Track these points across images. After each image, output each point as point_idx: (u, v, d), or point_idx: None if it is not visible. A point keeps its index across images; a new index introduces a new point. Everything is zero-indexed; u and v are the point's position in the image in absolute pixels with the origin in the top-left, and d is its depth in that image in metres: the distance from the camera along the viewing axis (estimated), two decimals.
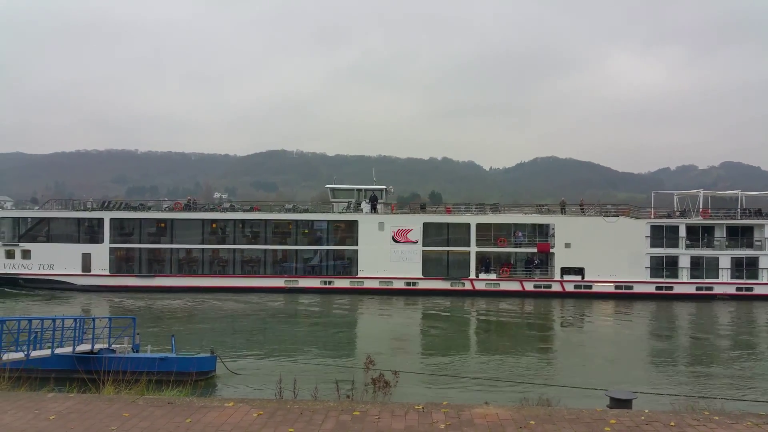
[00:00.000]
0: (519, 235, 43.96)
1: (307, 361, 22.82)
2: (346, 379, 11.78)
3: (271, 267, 44.08)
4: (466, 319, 36.44)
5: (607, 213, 44.44)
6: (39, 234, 43.95)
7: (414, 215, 45.13)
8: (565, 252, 42.89)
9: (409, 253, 43.20)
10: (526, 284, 43.02)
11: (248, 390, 18.76)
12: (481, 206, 47.52)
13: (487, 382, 19.64)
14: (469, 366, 23.43)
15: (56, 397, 7.64)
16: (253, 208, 48.51)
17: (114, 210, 45.35)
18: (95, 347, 20.23)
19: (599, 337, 32.04)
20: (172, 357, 19.86)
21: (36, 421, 6.48)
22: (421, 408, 6.80)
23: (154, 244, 44.37)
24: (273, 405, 7.03)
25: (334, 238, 44.62)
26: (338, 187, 48.87)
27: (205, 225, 44.57)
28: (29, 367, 15.03)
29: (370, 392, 9.30)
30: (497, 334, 32.11)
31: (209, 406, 7.03)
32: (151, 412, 6.79)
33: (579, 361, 25.16)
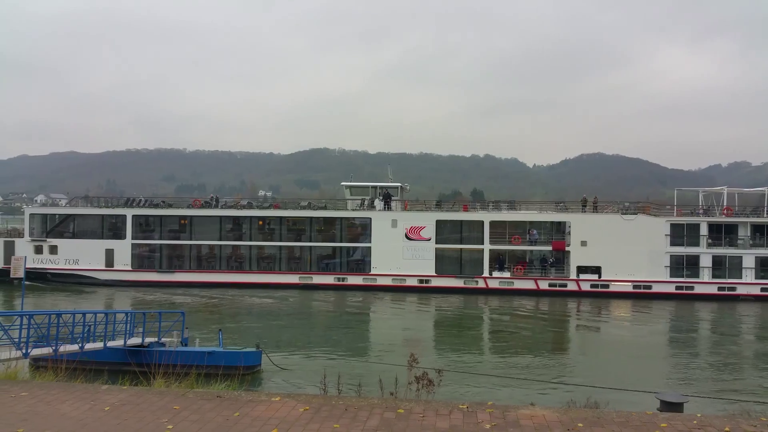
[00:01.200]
0: (533, 233, 43.29)
1: (348, 357, 23.01)
2: (388, 376, 11.77)
3: (286, 263, 44.69)
4: (493, 318, 36.15)
5: (626, 210, 43.29)
6: (66, 230, 45.74)
7: (427, 213, 45.00)
8: (581, 250, 42.03)
9: (422, 251, 43.13)
10: (540, 283, 42.37)
11: (292, 385, 19.06)
12: (497, 204, 47.03)
13: (527, 383, 19.48)
14: (504, 365, 23.17)
15: (110, 389, 7.85)
16: (273, 206, 49.28)
17: (136, 207, 46.78)
18: (146, 341, 20.68)
19: (629, 337, 31.12)
20: (219, 351, 20.20)
21: (92, 412, 6.63)
22: (466, 408, 6.71)
23: (174, 240, 45.59)
24: (318, 400, 7.09)
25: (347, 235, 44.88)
26: (353, 184, 49.13)
27: (223, 222, 45.50)
28: (83, 359, 15.43)
29: (414, 390, 9.20)
30: (526, 333, 31.47)
31: (256, 400, 7.10)
32: (201, 405, 6.88)
33: (617, 363, 24.65)
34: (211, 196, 51.92)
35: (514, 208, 46.64)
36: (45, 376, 10.25)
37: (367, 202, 46.06)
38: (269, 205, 49.21)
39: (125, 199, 49.34)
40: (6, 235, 45.91)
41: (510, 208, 46.79)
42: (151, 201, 49.10)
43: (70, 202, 48.08)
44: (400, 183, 48.98)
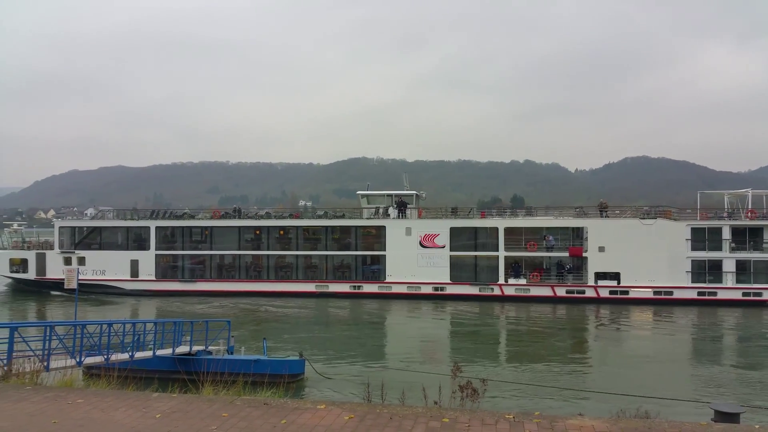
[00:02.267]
0: (550, 238, 42.68)
1: (387, 365, 23.08)
2: (430, 385, 11.83)
3: (302, 272, 45.25)
4: (515, 325, 35.59)
5: (647, 215, 42.29)
6: (93, 242, 47.37)
7: (441, 220, 44.84)
8: (599, 256, 41.23)
9: (437, 258, 43.04)
10: (557, 290, 41.70)
11: (336, 394, 19.21)
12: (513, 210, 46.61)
13: (569, 393, 19.11)
14: (539, 375, 22.80)
15: (161, 396, 8.00)
16: (294, 215, 49.97)
17: (159, 219, 48.15)
18: (193, 349, 21.06)
19: (659, 344, 30.23)
20: (264, 360, 20.47)
21: (143, 419, 6.79)
22: (512, 417, 6.55)
23: (195, 250, 46.72)
24: (363, 409, 7.08)
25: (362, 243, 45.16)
26: (369, 193, 49.36)
27: (242, 232, 46.41)
28: (133, 368, 15.83)
29: (458, 400, 9.14)
30: (553, 341, 30.85)
31: (302, 407, 7.15)
32: (249, 412, 6.97)
33: (654, 371, 24.03)
34: (234, 207, 52.99)
35: (531, 215, 46.12)
36: (98, 384, 10.56)
37: (382, 210, 46.25)
38: (289, 215, 49.99)
39: (149, 212, 50.80)
40: (38, 247, 47.85)
41: (527, 215, 46.28)
42: (174, 212, 50.43)
43: (96, 215, 49.80)
44: (415, 191, 48.97)
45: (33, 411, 7.12)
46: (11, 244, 49.15)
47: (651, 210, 43.41)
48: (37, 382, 9.71)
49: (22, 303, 43.59)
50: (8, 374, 10.00)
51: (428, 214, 46.80)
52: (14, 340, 13.22)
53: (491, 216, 46.11)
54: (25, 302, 43.76)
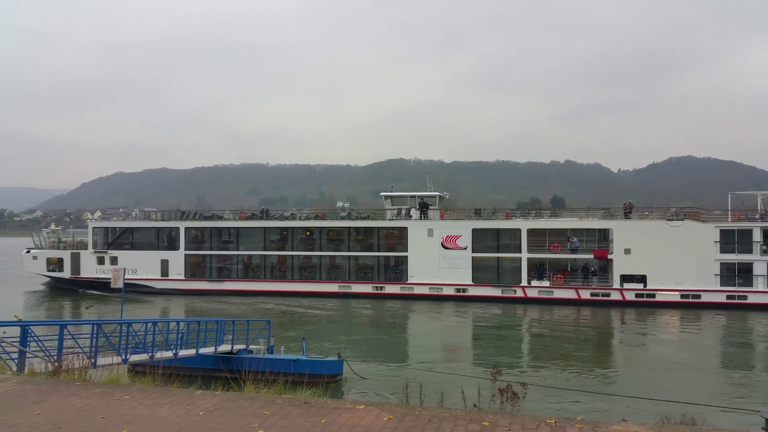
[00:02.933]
0: (574, 240, 42.03)
1: (424, 367, 23.00)
2: (468, 387, 11.77)
3: (326, 272, 45.69)
4: (542, 328, 35.04)
5: (674, 216, 41.25)
6: (125, 242, 48.84)
7: (463, 221, 44.68)
8: (624, 258, 40.43)
9: (459, 260, 42.89)
10: (582, 292, 41.06)
11: (373, 394, 19.33)
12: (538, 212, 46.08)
13: (609, 398, 18.76)
14: (575, 379, 22.47)
15: (204, 394, 8.09)
16: (320, 217, 50.54)
17: (188, 220, 49.32)
18: (234, 348, 21.30)
19: (694, 349, 29.53)
20: (304, 359, 20.65)
21: (188, 416, 6.91)
22: (554, 422, 6.46)
23: (223, 250, 47.68)
24: (402, 410, 7.06)
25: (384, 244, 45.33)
26: (393, 194, 49.52)
27: (267, 233, 47.16)
28: (177, 365, 15.96)
29: (498, 403, 8.98)
30: (584, 344, 30.43)
31: (342, 407, 7.18)
32: (289, 411, 7.03)
33: (691, 376, 23.48)
34: (263, 208, 53.83)
35: (556, 216, 45.53)
36: (143, 381, 10.95)
37: (404, 211, 46.34)
38: (315, 216, 50.51)
39: (179, 213, 52.06)
40: (73, 247, 49.59)
41: (552, 216, 45.71)
42: (202, 213, 51.57)
43: (128, 216, 51.27)
44: (438, 192, 48.88)
45: (82, 406, 7.35)
46: (48, 244, 50.99)
47: (678, 211, 42.29)
48: (85, 378, 9.94)
49: (59, 301, 45.17)
50: (58, 370, 10.33)
51: (451, 216, 46.65)
52: (63, 338, 13.58)
53: (515, 217, 45.63)
54: (61, 300, 45.34)
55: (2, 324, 14.13)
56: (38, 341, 13.10)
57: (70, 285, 48.69)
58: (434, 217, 45.45)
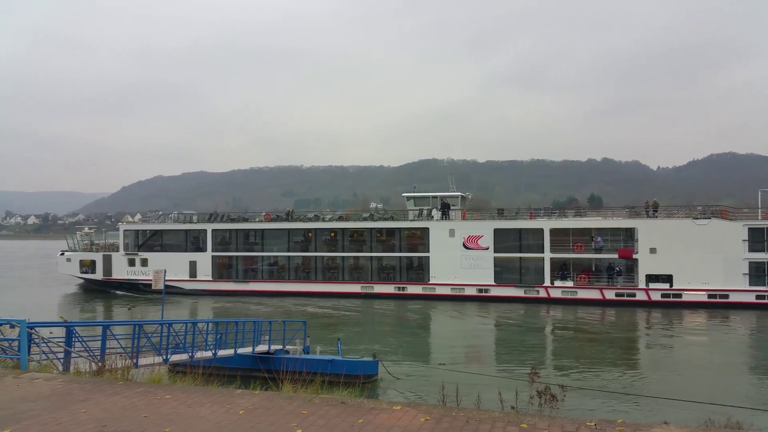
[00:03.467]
0: (598, 240, 41.39)
1: (460, 368, 22.86)
2: (505, 389, 11.71)
3: (348, 273, 46.01)
4: (570, 329, 34.44)
5: (702, 215, 40.27)
6: (155, 244, 50.06)
7: (484, 221, 44.46)
8: (650, 258, 39.68)
9: (480, 260, 42.71)
10: (606, 292, 40.43)
11: (411, 395, 19.35)
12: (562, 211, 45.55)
13: (645, 400, 18.34)
14: (611, 381, 22.08)
15: (243, 393, 8.24)
16: (343, 218, 50.92)
17: (215, 222, 50.27)
18: (271, 348, 21.57)
19: (728, 350, 28.98)
20: (339, 360, 20.79)
21: (228, 415, 7.04)
22: (594, 425, 6.35)
23: (248, 252, 48.46)
24: (439, 411, 7.05)
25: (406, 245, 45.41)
26: (414, 195, 49.59)
27: (291, 234, 47.73)
28: (216, 365, 16.19)
29: (536, 405, 8.87)
30: (614, 345, 29.93)
31: (378, 408, 7.19)
32: (327, 411, 7.11)
33: (729, 377, 22.94)
34: (288, 210, 54.48)
35: (580, 215, 44.94)
36: (184, 380, 11.02)
37: (426, 212, 46.36)
38: (339, 217, 50.91)
39: (208, 215, 53.10)
40: (104, 250, 51.04)
41: (576, 215, 45.14)
42: (229, 215, 52.49)
43: (158, 219, 52.45)
44: (461, 192, 48.75)
45: (125, 405, 7.53)
46: (82, 246, 52.57)
47: (705, 209, 41.28)
48: (127, 378, 10.15)
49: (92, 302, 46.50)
50: (102, 370, 10.52)
51: (473, 216, 46.47)
52: (106, 338, 13.88)
53: (538, 217, 45.19)
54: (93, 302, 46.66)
55: (49, 325, 14.47)
56: (82, 341, 13.37)
57: (102, 286, 50.13)
58: (456, 217, 45.34)
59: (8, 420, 6.87)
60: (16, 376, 9.27)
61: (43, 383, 8.75)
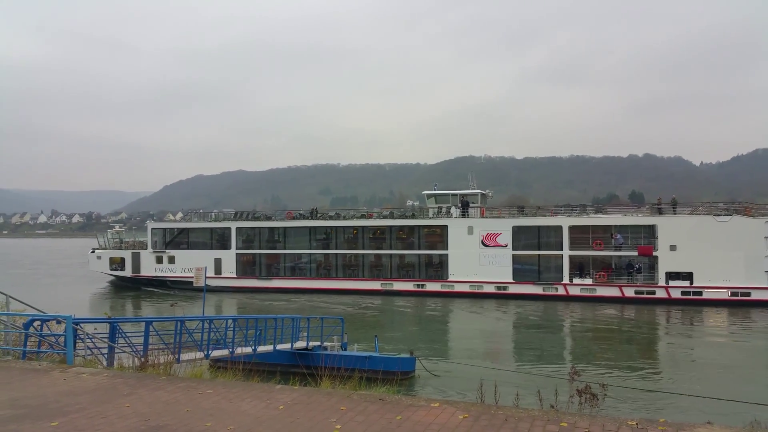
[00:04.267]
0: (617, 237, 40.75)
1: (497, 366, 22.67)
2: (545, 387, 11.73)
3: (368, 270, 46.39)
4: (594, 326, 33.77)
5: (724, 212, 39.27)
6: (182, 242, 51.36)
7: (503, 219, 44.27)
8: (670, 255, 38.92)
9: (499, 257, 42.55)
10: (626, 290, 39.83)
11: (447, 391, 19.31)
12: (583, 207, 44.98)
13: (684, 399, 17.74)
14: (649, 379, 21.84)
15: (283, 388, 8.34)
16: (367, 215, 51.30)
17: (239, 220, 51.32)
18: (309, 344, 21.74)
19: (756, 350, 28.30)
20: (377, 356, 20.89)
21: (268, 410, 7.12)
22: (635, 424, 6.33)
23: (271, 249, 49.30)
24: (477, 408, 6.99)
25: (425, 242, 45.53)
26: (434, 193, 49.65)
27: (312, 232, 48.37)
28: (255, 361, 16.37)
29: (576, 404, 8.73)
30: (641, 343, 29.68)
31: (417, 405, 7.20)
32: (365, 407, 7.13)
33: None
34: (312, 208, 55.16)
35: (602, 212, 44.33)
36: (225, 376, 11.13)
37: (445, 209, 46.39)
38: (361, 215, 51.38)
39: (233, 213, 54.20)
40: (133, 248, 52.64)
41: (598, 212, 44.54)
42: (253, 214, 53.48)
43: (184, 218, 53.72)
44: (480, 190, 48.60)
45: (168, 399, 7.69)
46: (112, 244, 54.30)
47: (727, 206, 40.25)
48: (170, 373, 10.30)
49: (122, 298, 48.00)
50: (145, 365, 10.75)
51: (492, 213, 46.32)
52: (149, 334, 14.06)
53: (558, 214, 44.74)
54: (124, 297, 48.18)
55: (94, 320, 14.93)
56: (126, 337, 13.66)
57: (131, 283, 51.71)
58: (475, 214, 45.25)
59: (56, 413, 7.11)
60: (63, 370, 9.54)
61: (89, 378, 8.99)
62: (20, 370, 9.56)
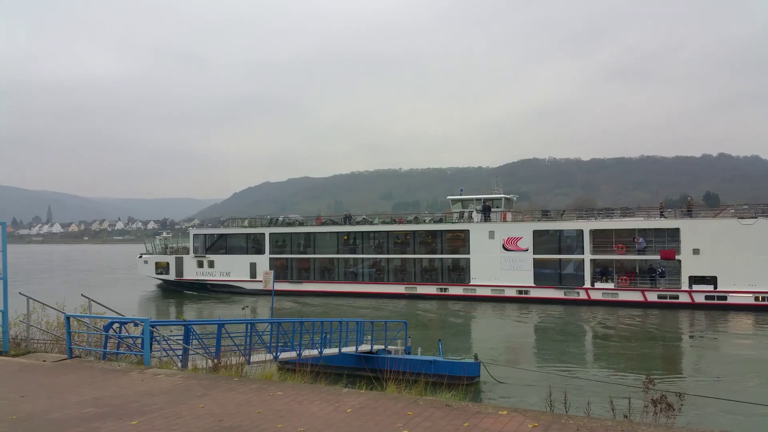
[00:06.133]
0: (640, 241, 40.08)
1: (563, 373, 22.12)
2: (617, 396, 11.55)
3: (393, 274, 47.43)
4: (627, 332, 32.77)
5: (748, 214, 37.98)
6: (221, 247, 54.03)
7: (523, 223, 44.31)
8: (693, 259, 37.99)
9: (520, 261, 42.67)
10: (648, 294, 39.13)
11: (513, 399, 18.83)
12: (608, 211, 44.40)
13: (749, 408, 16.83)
14: (715, 387, 20.65)
15: (350, 392, 8.33)
16: (398, 220, 52.39)
17: (272, 226, 53.49)
18: (374, 347, 21.86)
19: None
20: (441, 360, 20.67)
21: (336, 413, 7.14)
22: None
23: (301, 254, 51.19)
24: (547, 418, 6.81)
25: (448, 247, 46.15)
26: (459, 198, 50.14)
27: (340, 237, 49.88)
28: (322, 363, 16.40)
29: (650, 414, 8.42)
30: (700, 351, 28.99)
31: (484, 412, 7.06)
32: (432, 413, 7.05)
33: None
34: (346, 213, 56.72)
35: (627, 216, 43.67)
36: (293, 378, 11.25)
37: (467, 214, 46.87)
38: (392, 220, 52.48)
39: (270, 219, 56.51)
40: (177, 252, 55.75)
41: (623, 215, 43.90)
42: (285, 220, 55.56)
43: (222, 224, 56.43)
44: (504, 195, 48.72)
45: (240, 401, 7.86)
46: (160, 250, 57.66)
47: (752, 209, 38.85)
48: (241, 375, 10.53)
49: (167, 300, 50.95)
50: (218, 366, 10.91)
51: (514, 218, 46.46)
52: (221, 336, 14.27)
53: (581, 218, 44.37)
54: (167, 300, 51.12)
55: (169, 323, 15.94)
56: (199, 339, 13.96)
57: (175, 286, 54.77)
58: (497, 219, 45.53)
59: (135, 413, 7.39)
60: (141, 371, 9.90)
61: (165, 379, 9.26)
62: (101, 371, 9.97)
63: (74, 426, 6.85)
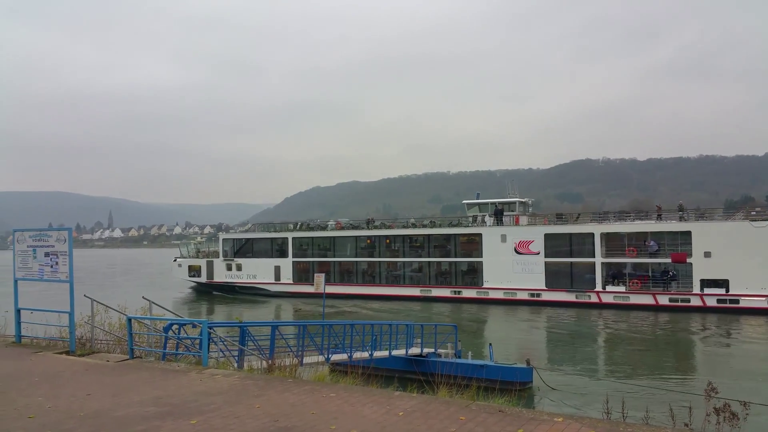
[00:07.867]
0: (651, 244, 39.79)
1: (623, 381, 21.45)
2: (675, 403, 11.33)
3: (408, 277, 48.44)
4: (653, 335, 32.27)
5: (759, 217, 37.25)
6: (248, 251, 56.23)
7: (535, 227, 44.53)
8: (705, 262, 37.51)
9: (531, 265, 42.97)
10: (660, 298, 38.83)
11: (565, 405, 18.27)
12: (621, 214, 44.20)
13: None
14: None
15: (402, 395, 8.27)
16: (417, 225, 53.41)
17: (295, 231, 55.34)
18: (423, 351, 21.75)
19: None
20: (492, 365, 20.37)
21: (388, 416, 7.09)
22: None
23: (322, 257, 52.81)
24: (604, 426, 6.61)
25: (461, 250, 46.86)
26: (474, 202, 50.71)
27: (359, 241, 51.24)
28: (373, 366, 16.54)
29: (713, 423, 8.22)
30: (734, 354, 28.33)
31: (538, 419, 6.91)
32: (485, 418, 6.91)
33: None
34: (369, 218, 58.08)
35: (641, 219, 43.36)
36: (345, 380, 11.31)
37: (480, 218, 47.44)
38: (413, 224, 53.54)
39: (294, 224, 58.47)
40: (207, 256, 58.33)
41: (637, 218, 43.59)
42: (308, 225, 57.36)
43: (249, 229, 58.67)
44: (518, 198, 49.06)
45: (294, 401, 7.92)
46: (191, 254, 60.41)
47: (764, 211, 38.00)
48: (294, 376, 10.57)
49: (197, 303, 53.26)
50: (272, 367, 11.05)
51: (531, 221, 46.83)
52: (275, 337, 14.44)
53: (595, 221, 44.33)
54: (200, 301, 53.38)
55: (226, 324, 16.61)
56: (254, 340, 14.09)
57: (206, 288, 57.34)
58: (509, 223, 45.96)
59: (195, 412, 7.50)
60: (199, 371, 10.09)
61: (222, 379, 9.42)
62: (161, 371, 10.21)
63: (137, 424, 7.07)
